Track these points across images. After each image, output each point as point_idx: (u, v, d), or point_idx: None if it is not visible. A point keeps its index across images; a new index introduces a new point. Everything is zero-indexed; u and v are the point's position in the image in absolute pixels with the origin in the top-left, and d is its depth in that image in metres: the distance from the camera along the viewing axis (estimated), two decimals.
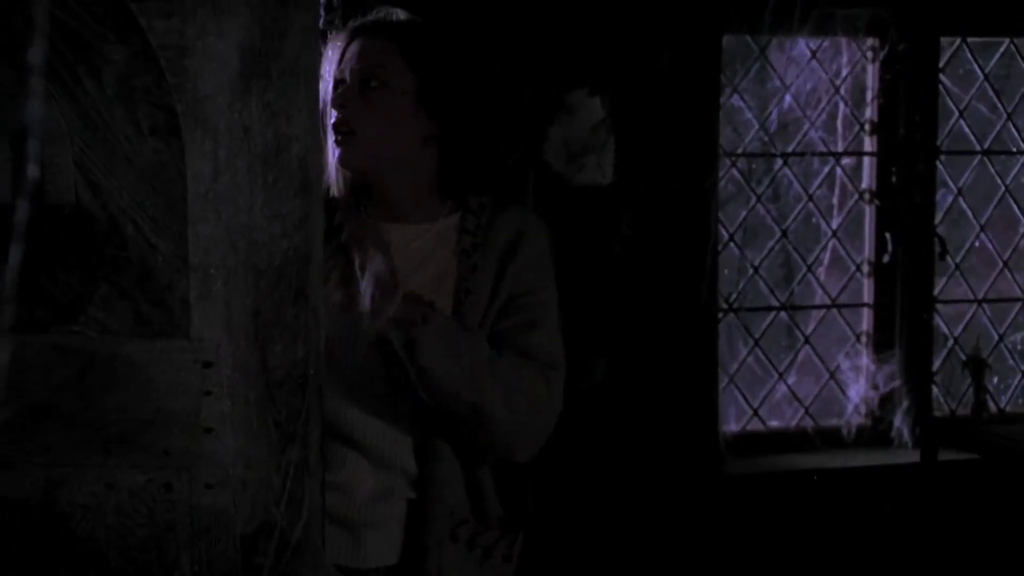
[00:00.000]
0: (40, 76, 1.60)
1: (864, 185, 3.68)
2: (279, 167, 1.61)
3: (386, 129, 2.00)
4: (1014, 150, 3.87)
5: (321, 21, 1.74)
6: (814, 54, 3.58)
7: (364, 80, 2.00)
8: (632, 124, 2.92)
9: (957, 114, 3.78)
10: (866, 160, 3.70)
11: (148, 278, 1.66)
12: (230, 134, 1.60)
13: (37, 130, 1.64)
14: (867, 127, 3.71)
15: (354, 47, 2.03)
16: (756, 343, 3.59)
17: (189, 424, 1.63)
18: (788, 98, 3.54)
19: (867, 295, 3.72)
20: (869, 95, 3.68)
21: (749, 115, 3.54)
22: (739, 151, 3.53)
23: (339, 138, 2.01)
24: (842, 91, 3.65)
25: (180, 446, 1.64)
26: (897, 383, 3.60)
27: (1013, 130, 3.84)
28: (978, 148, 3.82)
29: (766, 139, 3.57)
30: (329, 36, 2.07)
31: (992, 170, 3.84)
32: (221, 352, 1.62)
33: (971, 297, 3.84)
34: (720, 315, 3.43)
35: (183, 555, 1.64)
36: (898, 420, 3.53)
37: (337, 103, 2.01)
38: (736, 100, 3.47)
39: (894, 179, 3.61)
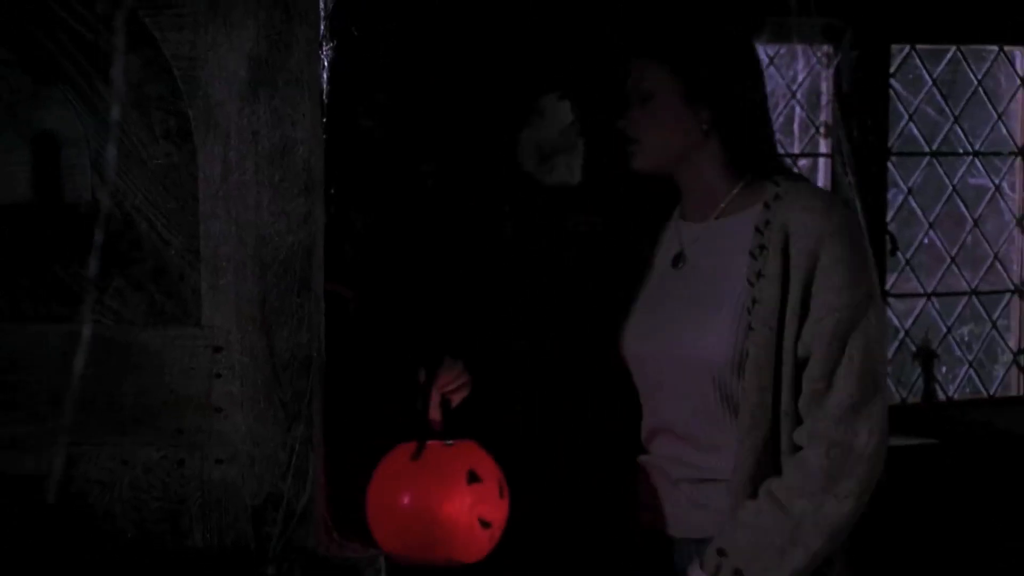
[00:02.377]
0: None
1: (819, 185, 3.70)
2: (285, 168, 1.74)
3: (663, 132, 2.12)
4: (961, 151, 3.90)
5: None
6: (771, 60, 3.65)
7: (636, 94, 2.14)
8: (601, 127, 3.05)
9: (907, 117, 3.81)
10: (821, 161, 3.77)
11: (161, 271, 1.79)
12: (239, 138, 1.73)
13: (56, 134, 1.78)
14: (822, 130, 3.76)
15: (632, 64, 2.17)
16: None
17: (201, 404, 1.77)
18: None
19: None
20: (824, 99, 3.74)
21: None
22: None
23: (627, 149, 2.15)
24: (798, 95, 3.75)
25: (192, 425, 1.77)
26: None
27: (960, 132, 3.90)
28: (927, 149, 3.86)
29: None
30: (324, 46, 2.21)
31: (940, 170, 3.88)
32: (231, 338, 1.76)
33: (921, 291, 3.89)
34: None
35: (195, 526, 1.78)
36: None
37: (621, 121, 2.16)
38: None
39: (848, 179, 3.65)
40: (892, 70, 3.72)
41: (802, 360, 2.01)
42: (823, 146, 3.70)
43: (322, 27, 1.72)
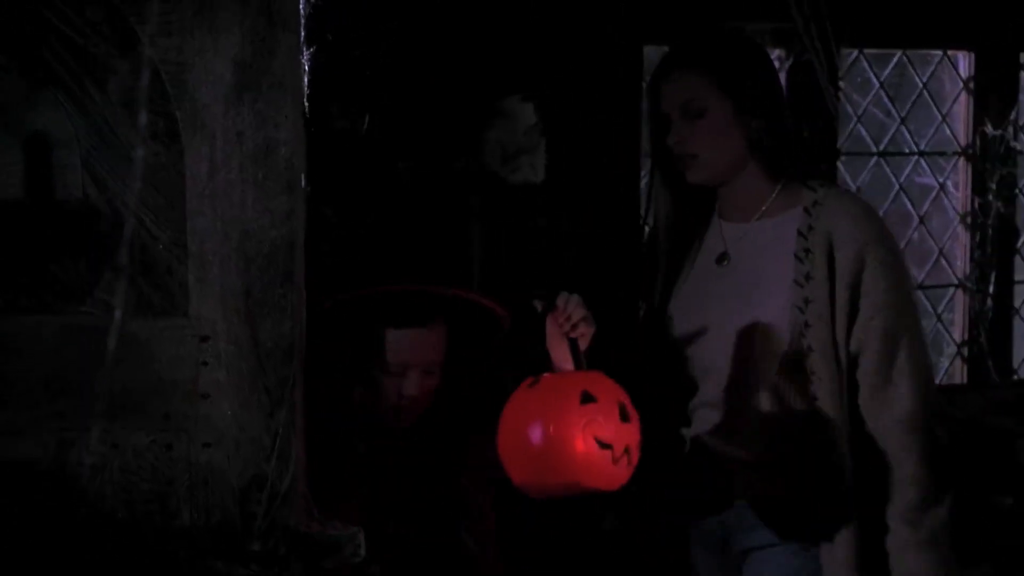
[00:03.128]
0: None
1: None
2: (268, 167, 1.84)
3: (716, 146, 2.22)
4: (907, 151, 4.02)
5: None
6: None
7: (686, 112, 2.22)
8: (562, 127, 3.14)
9: (855, 119, 3.93)
10: None
11: (150, 265, 1.88)
12: (225, 138, 1.83)
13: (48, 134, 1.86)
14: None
15: (671, 82, 2.25)
16: None
17: (188, 391, 1.86)
18: None
19: None
20: None
21: None
22: None
23: (684, 163, 2.25)
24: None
25: (180, 411, 1.86)
26: None
27: (906, 133, 4.01)
28: (875, 150, 3.98)
29: None
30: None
31: (887, 170, 4.00)
32: (217, 328, 1.85)
33: None
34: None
35: (183, 506, 1.87)
36: None
37: (673, 139, 2.24)
38: None
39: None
40: (841, 73, 3.79)
41: (853, 356, 2.18)
42: None
43: (302, 33, 1.81)
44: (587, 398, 1.88)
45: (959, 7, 3.79)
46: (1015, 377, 4.02)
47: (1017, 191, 4.04)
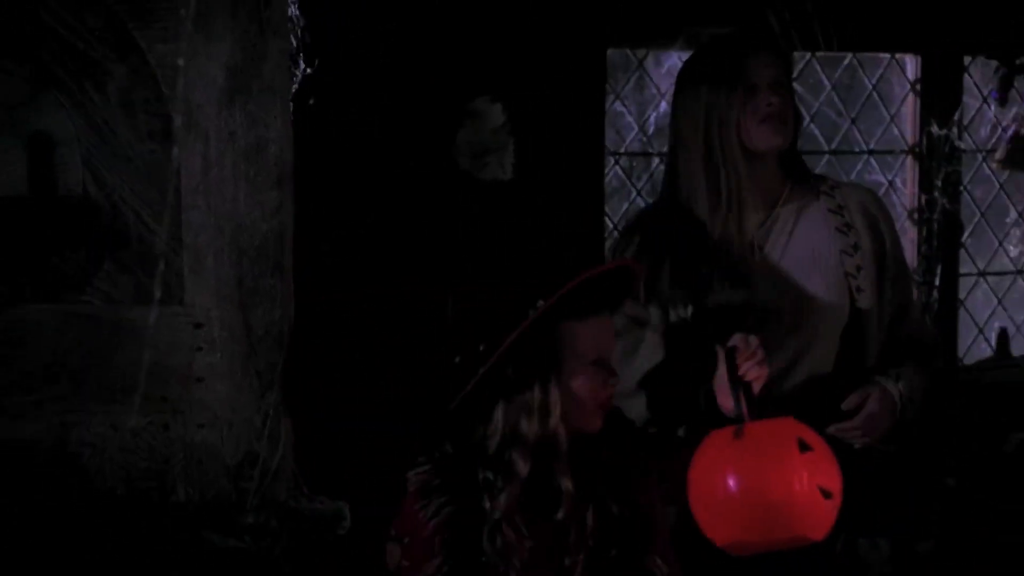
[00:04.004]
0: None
1: None
2: (259, 164, 1.97)
3: (792, 121, 2.38)
4: (857, 150, 3.98)
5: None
6: None
7: (777, 85, 2.32)
8: (529, 127, 3.23)
9: (808, 119, 3.88)
10: None
11: (147, 256, 2.01)
12: (218, 137, 1.95)
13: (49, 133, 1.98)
14: None
15: (762, 59, 2.36)
16: None
17: (184, 375, 1.98)
18: (663, 104, 3.86)
19: None
20: None
21: (630, 119, 3.73)
22: (621, 151, 3.67)
23: (774, 126, 2.32)
24: None
25: (176, 393, 1.99)
26: None
27: (856, 132, 3.98)
28: (826, 148, 3.95)
29: (645, 140, 3.79)
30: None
31: (838, 168, 3.95)
32: (211, 315, 1.98)
33: None
34: None
35: (179, 483, 2.00)
36: None
37: (766, 103, 2.30)
38: (618, 106, 3.65)
39: None
40: (795, 75, 3.95)
41: (888, 311, 2.45)
42: None
43: (294, 41, 1.93)
44: (804, 447, 1.78)
45: (906, 13, 3.85)
46: (960, 364, 4.20)
47: (962, 188, 4.13)
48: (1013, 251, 4.35)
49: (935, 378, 2.46)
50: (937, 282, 4.12)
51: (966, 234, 4.18)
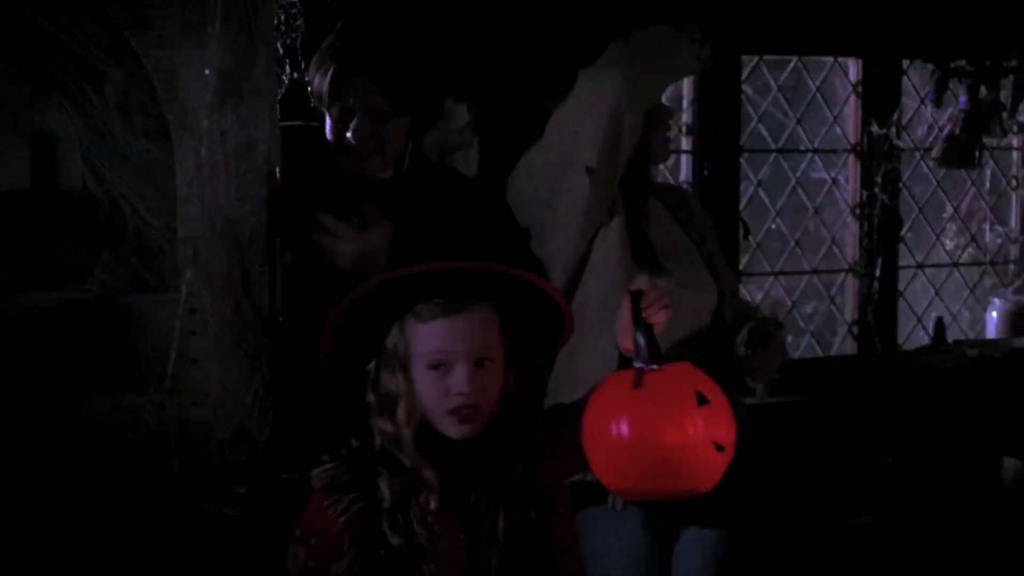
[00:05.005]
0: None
1: (682, 178, 4.04)
2: (248, 161, 2.10)
3: None
4: (802, 149, 4.29)
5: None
6: None
7: None
8: (496, 129, 3.32)
9: (756, 119, 4.19)
10: (684, 157, 3.99)
11: (143, 247, 2.12)
12: (210, 137, 2.08)
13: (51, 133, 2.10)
14: (684, 129, 3.97)
15: None
16: None
17: (179, 357, 2.10)
18: None
19: None
20: (685, 103, 3.98)
21: None
22: None
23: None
24: (664, 99, 4.11)
25: (172, 374, 2.11)
26: None
27: (801, 132, 4.28)
28: (773, 147, 4.24)
29: None
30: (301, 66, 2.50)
31: (785, 166, 4.26)
32: (204, 302, 2.10)
33: (768, 271, 4.26)
34: None
35: (175, 458, 2.12)
36: None
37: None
38: None
39: (706, 173, 3.97)
40: (743, 77, 4.06)
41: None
42: (685, 144, 4.01)
43: (280, 47, 2.07)
44: (702, 399, 1.75)
45: (848, 18, 3.99)
46: (899, 349, 4.36)
47: (901, 185, 4.33)
48: (949, 245, 4.60)
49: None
50: (878, 274, 4.33)
51: (905, 228, 4.43)
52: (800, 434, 3.74)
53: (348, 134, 2.33)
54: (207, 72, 2.07)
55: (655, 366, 1.81)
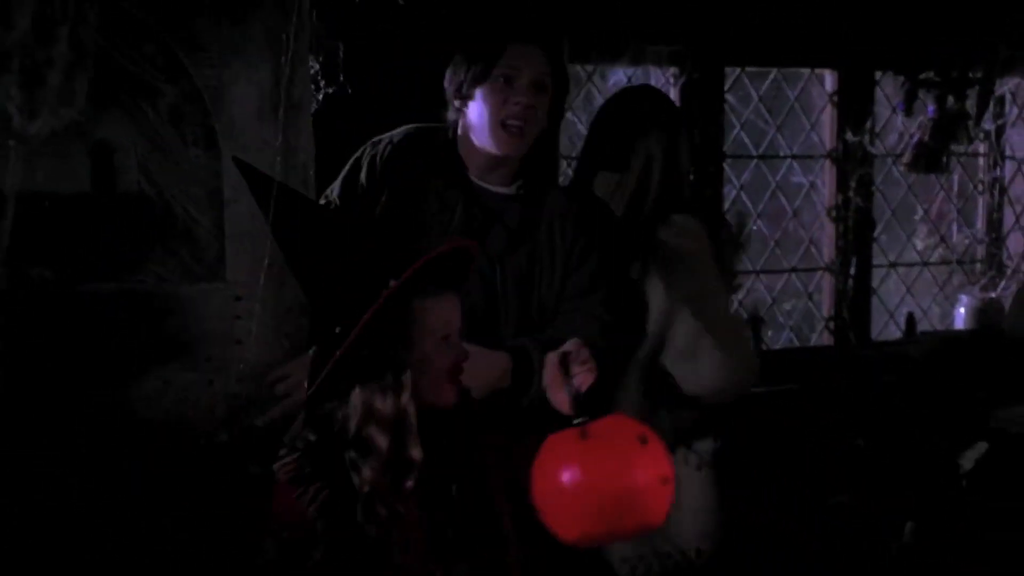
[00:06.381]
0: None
1: None
2: (288, 168, 2.34)
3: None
4: (782, 155, 4.36)
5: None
6: (629, 80, 4.00)
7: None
8: None
9: (738, 127, 4.27)
10: None
11: (193, 243, 2.36)
12: (254, 146, 2.32)
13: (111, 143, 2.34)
14: None
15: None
16: None
17: (225, 339, 2.35)
18: None
19: None
20: None
21: (580, 127, 3.96)
22: (573, 155, 3.89)
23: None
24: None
25: (219, 354, 2.35)
26: None
27: (780, 139, 4.37)
28: (754, 153, 4.32)
29: None
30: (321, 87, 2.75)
31: (765, 171, 4.35)
32: (247, 290, 2.34)
33: (750, 269, 4.26)
34: None
35: (222, 428, 2.36)
36: None
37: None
38: (570, 115, 3.91)
39: (691, 177, 3.66)
40: (726, 88, 4.18)
41: None
42: None
43: (316, 66, 2.31)
44: (643, 440, 1.85)
45: (825, 33, 4.14)
46: (871, 342, 4.46)
47: (874, 189, 4.44)
48: (919, 245, 4.73)
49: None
50: (852, 272, 4.45)
51: (878, 230, 4.53)
52: (780, 421, 3.84)
53: (505, 107, 2.24)
54: (251, 88, 2.32)
55: (588, 419, 1.90)
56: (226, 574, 2.21)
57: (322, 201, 2.48)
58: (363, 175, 2.40)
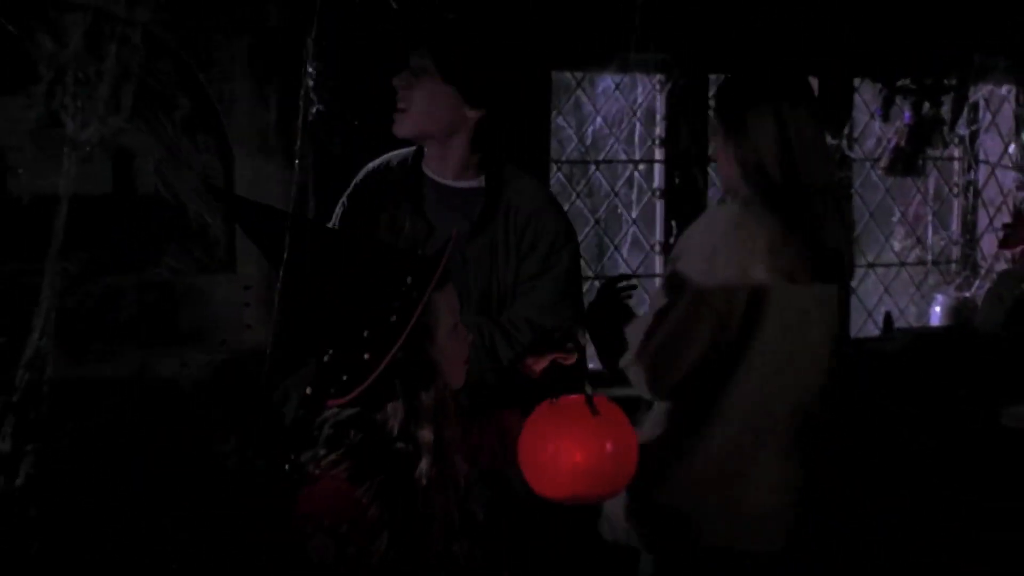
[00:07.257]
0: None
1: (655, 185, 4.04)
2: (290, 171, 2.55)
3: None
4: None
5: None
6: (617, 86, 4.01)
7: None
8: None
9: None
10: (656, 166, 4.04)
11: (206, 239, 2.58)
12: (261, 153, 2.53)
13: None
14: (657, 141, 4.02)
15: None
16: None
17: (236, 324, 2.54)
18: (599, 119, 4.02)
19: (658, 268, 4.03)
20: (658, 117, 4.02)
21: (570, 131, 3.97)
22: (563, 159, 3.98)
23: None
24: (638, 114, 4.00)
25: (231, 337, 2.55)
26: None
27: None
28: None
29: (583, 150, 4.02)
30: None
31: None
32: (256, 280, 2.54)
33: None
34: None
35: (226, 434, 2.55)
36: None
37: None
38: (560, 120, 3.90)
39: (677, 180, 3.99)
40: (710, 94, 4.05)
41: None
42: (658, 154, 4.07)
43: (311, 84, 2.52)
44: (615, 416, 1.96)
45: (805, 41, 4.12)
46: (850, 339, 4.46)
47: (852, 191, 4.47)
48: (897, 246, 4.71)
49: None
50: None
51: (857, 231, 4.52)
52: None
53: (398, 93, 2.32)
54: (259, 102, 2.53)
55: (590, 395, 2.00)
56: (226, 574, 2.29)
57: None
58: (345, 196, 2.46)
